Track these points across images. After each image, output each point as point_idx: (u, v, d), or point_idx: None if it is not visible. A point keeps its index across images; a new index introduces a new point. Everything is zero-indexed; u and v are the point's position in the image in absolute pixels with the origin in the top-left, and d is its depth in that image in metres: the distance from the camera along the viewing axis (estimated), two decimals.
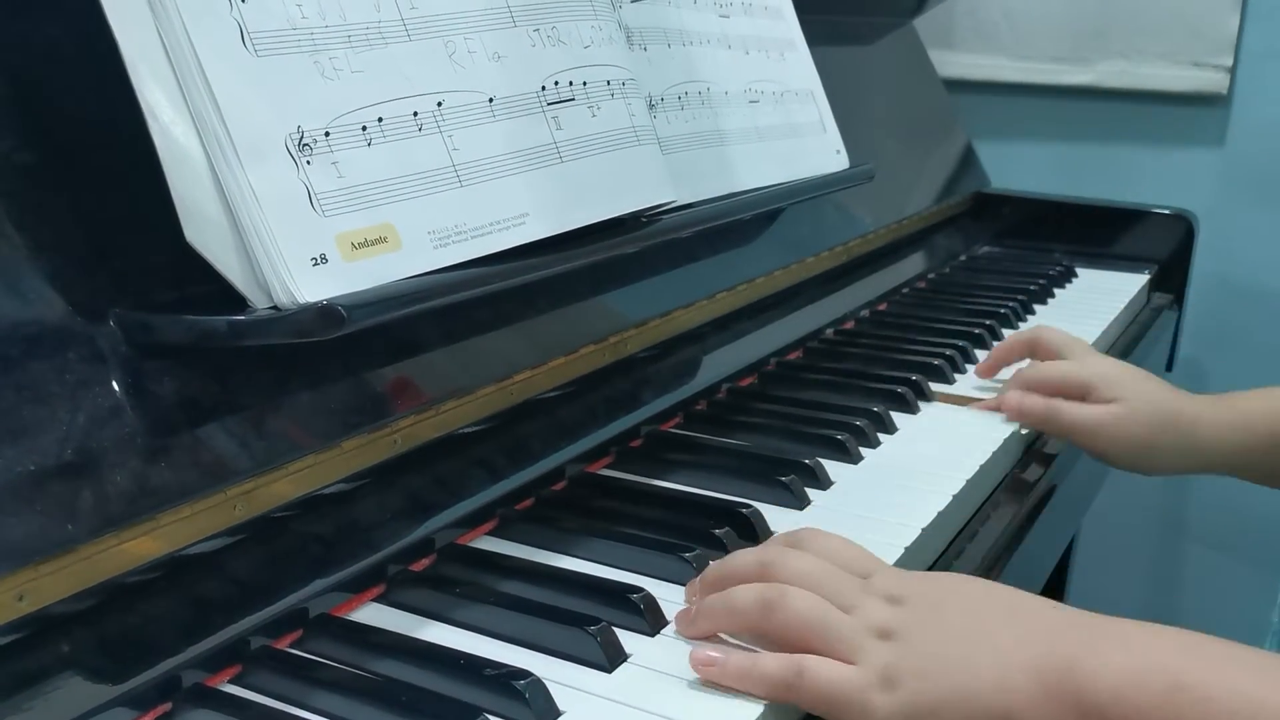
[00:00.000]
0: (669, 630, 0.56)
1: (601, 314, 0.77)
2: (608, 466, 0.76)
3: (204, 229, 0.50)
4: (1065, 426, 0.84)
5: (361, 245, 0.53)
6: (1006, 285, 1.25)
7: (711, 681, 0.52)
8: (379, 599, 0.60)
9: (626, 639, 0.55)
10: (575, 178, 0.66)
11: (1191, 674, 0.46)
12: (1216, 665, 0.47)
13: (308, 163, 0.52)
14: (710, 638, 0.55)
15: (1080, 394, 0.85)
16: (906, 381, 0.90)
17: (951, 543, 0.72)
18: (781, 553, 0.56)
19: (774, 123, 0.92)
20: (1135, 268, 1.37)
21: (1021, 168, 1.63)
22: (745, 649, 0.54)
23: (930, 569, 0.68)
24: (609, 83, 0.70)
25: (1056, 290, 1.28)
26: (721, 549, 0.63)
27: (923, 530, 0.67)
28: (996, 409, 0.88)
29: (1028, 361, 0.93)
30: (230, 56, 0.51)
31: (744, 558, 0.57)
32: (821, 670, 0.51)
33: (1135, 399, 0.83)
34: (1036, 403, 0.85)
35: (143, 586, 0.50)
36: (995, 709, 0.49)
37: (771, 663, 0.51)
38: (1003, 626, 0.51)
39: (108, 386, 0.49)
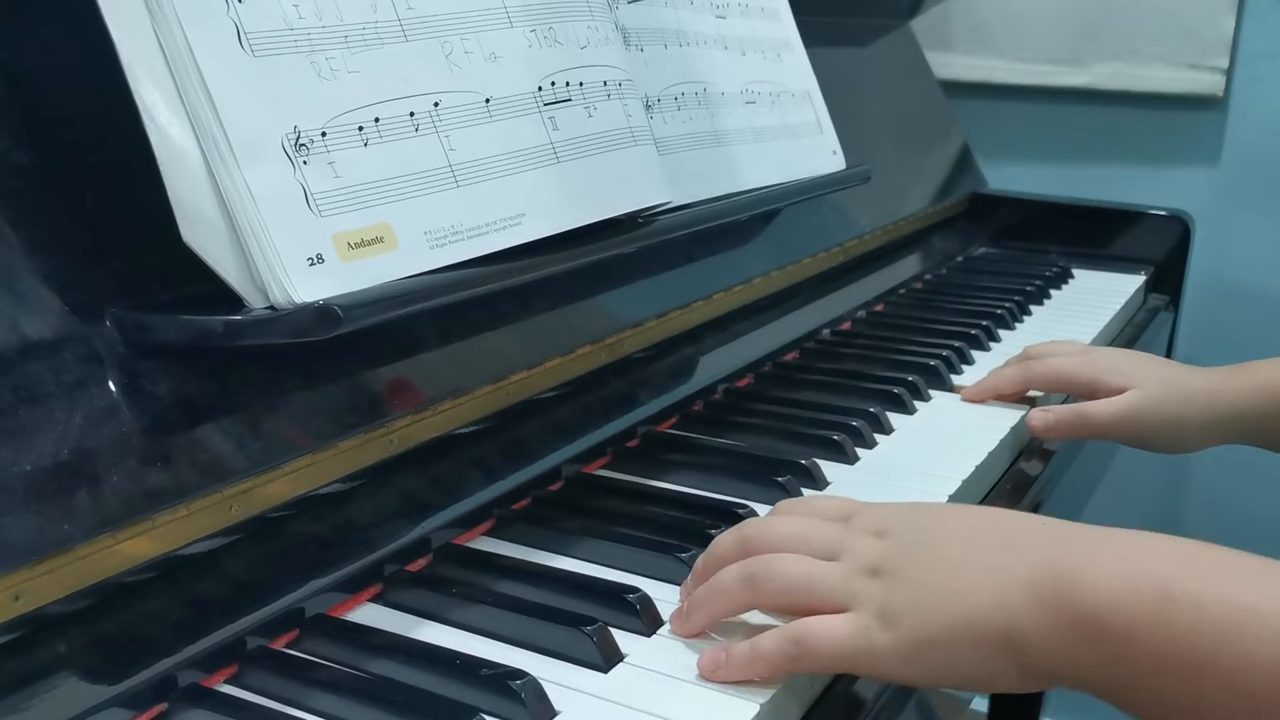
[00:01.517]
0: (665, 630, 0.56)
1: (598, 314, 0.77)
2: (604, 467, 0.76)
3: (200, 229, 0.50)
4: (1101, 427, 0.83)
5: (358, 245, 0.53)
6: (1003, 286, 1.25)
7: (724, 681, 0.52)
8: (375, 599, 0.60)
9: (622, 639, 0.55)
10: (572, 178, 0.66)
11: (1182, 583, 0.45)
12: (1209, 574, 0.45)
13: (304, 163, 0.52)
14: (706, 631, 0.55)
15: (1088, 393, 0.84)
16: (903, 382, 0.90)
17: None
18: (758, 523, 0.56)
19: (771, 123, 0.92)
20: (1131, 269, 1.37)
21: (1018, 169, 1.64)
22: (763, 626, 0.54)
23: None
24: (606, 83, 0.70)
25: (1053, 291, 1.28)
26: None
27: None
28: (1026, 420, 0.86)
29: None
30: (227, 57, 0.51)
31: (723, 540, 0.56)
32: (820, 632, 0.50)
33: (1146, 382, 0.83)
34: (1064, 413, 0.84)
35: (139, 586, 0.50)
36: (994, 628, 0.48)
37: (768, 643, 0.51)
38: (995, 547, 0.50)
39: (104, 386, 0.49)
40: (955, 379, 0.96)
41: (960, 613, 0.48)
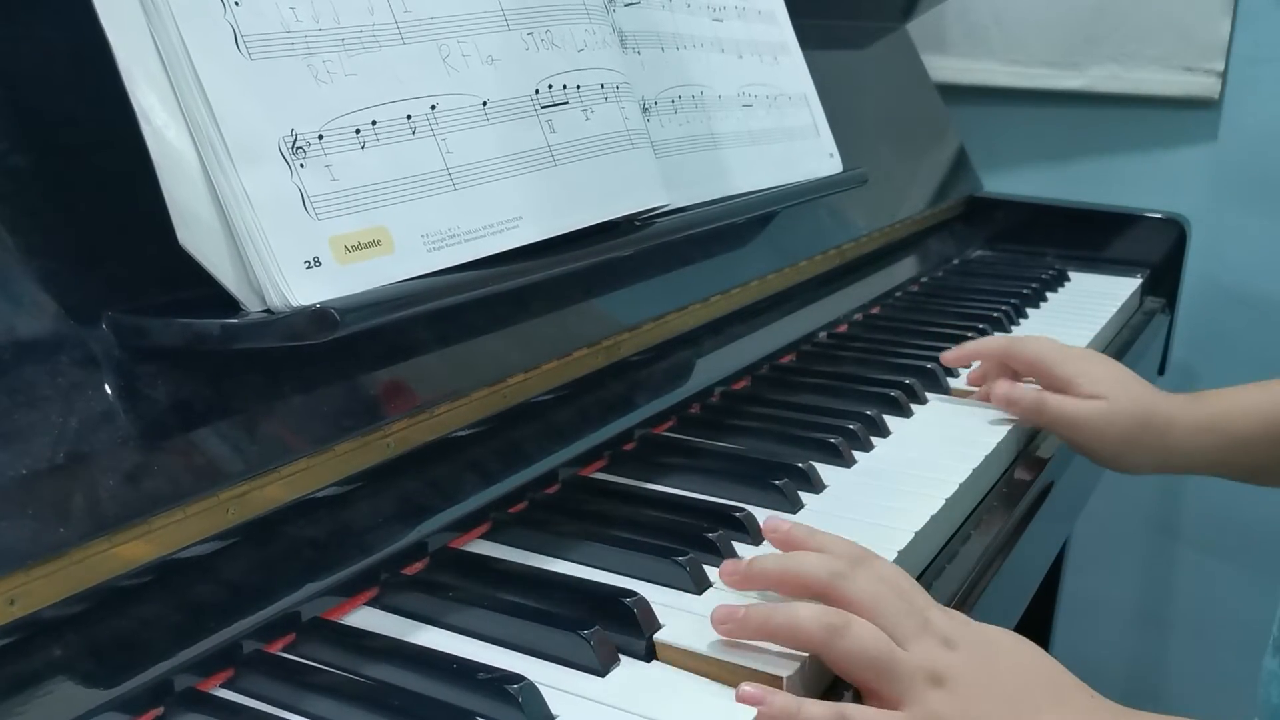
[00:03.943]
0: (663, 634, 0.56)
1: (595, 317, 0.77)
2: (601, 470, 0.76)
3: (197, 232, 0.50)
4: (1052, 418, 0.85)
5: (355, 248, 0.53)
6: (999, 289, 1.25)
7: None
8: (372, 603, 0.60)
9: (620, 643, 0.55)
10: (569, 181, 0.66)
11: None
12: None
13: (301, 166, 0.52)
14: (738, 644, 0.55)
15: (1061, 388, 0.85)
16: (899, 385, 0.90)
17: (945, 546, 0.72)
18: (850, 567, 0.56)
19: (767, 126, 0.92)
20: (1128, 271, 1.37)
21: (1014, 172, 1.64)
22: (781, 653, 0.54)
23: (924, 572, 0.68)
24: (603, 86, 0.70)
25: (1049, 294, 1.28)
26: (715, 552, 0.63)
27: (915, 534, 0.67)
28: (986, 399, 0.89)
29: None
30: (224, 59, 0.50)
31: (813, 562, 0.56)
32: (868, 718, 0.51)
33: (1119, 396, 0.84)
34: (1025, 393, 0.86)
35: (135, 590, 0.50)
36: None
37: (816, 710, 0.51)
38: (1045, 703, 0.52)
39: (100, 389, 0.49)
40: (952, 382, 0.96)
41: None
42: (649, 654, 0.55)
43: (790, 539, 0.60)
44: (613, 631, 0.55)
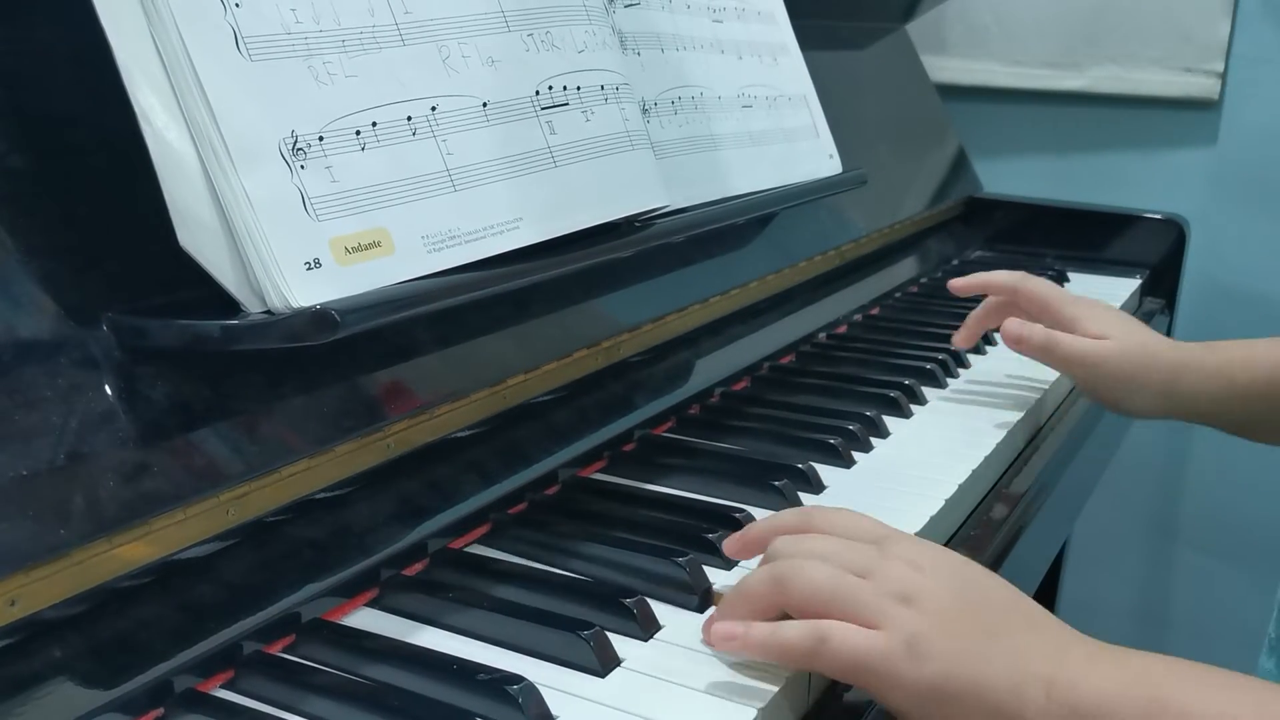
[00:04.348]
0: (662, 635, 0.56)
1: (595, 318, 0.77)
2: (601, 470, 0.76)
3: (197, 233, 0.50)
4: (1062, 356, 0.87)
5: (355, 249, 0.53)
6: None
7: (735, 651, 0.53)
8: (372, 604, 0.60)
9: (620, 643, 0.55)
10: (569, 182, 0.66)
11: (1172, 689, 0.48)
12: (1196, 684, 0.48)
13: (301, 167, 0.52)
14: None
15: (1067, 327, 0.87)
16: (899, 385, 0.90)
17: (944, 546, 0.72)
18: (788, 539, 0.57)
19: (767, 127, 0.92)
20: (1127, 272, 1.37)
21: (1013, 173, 1.64)
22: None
23: None
24: (602, 87, 0.70)
25: None
26: (714, 553, 0.63)
27: (915, 534, 0.67)
28: (979, 333, 0.95)
29: None
30: (224, 61, 0.51)
31: (754, 572, 0.56)
32: (847, 636, 0.50)
33: (1125, 337, 0.86)
34: (1036, 330, 0.87)
35: (135, 591, 0.50)
36: (1008, 710, 0.49)
37: (793, 631, 0.51)
38: (1020, 629, 0.52)
39: (100, 391, 0.49)
40: (951, 383, 0.96)
41: (982, 679, 0.50)
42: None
43: (746, 540, 0.61)
44: (613, 632, 0.55)
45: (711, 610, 0.58)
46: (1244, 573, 1.61)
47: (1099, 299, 0.92)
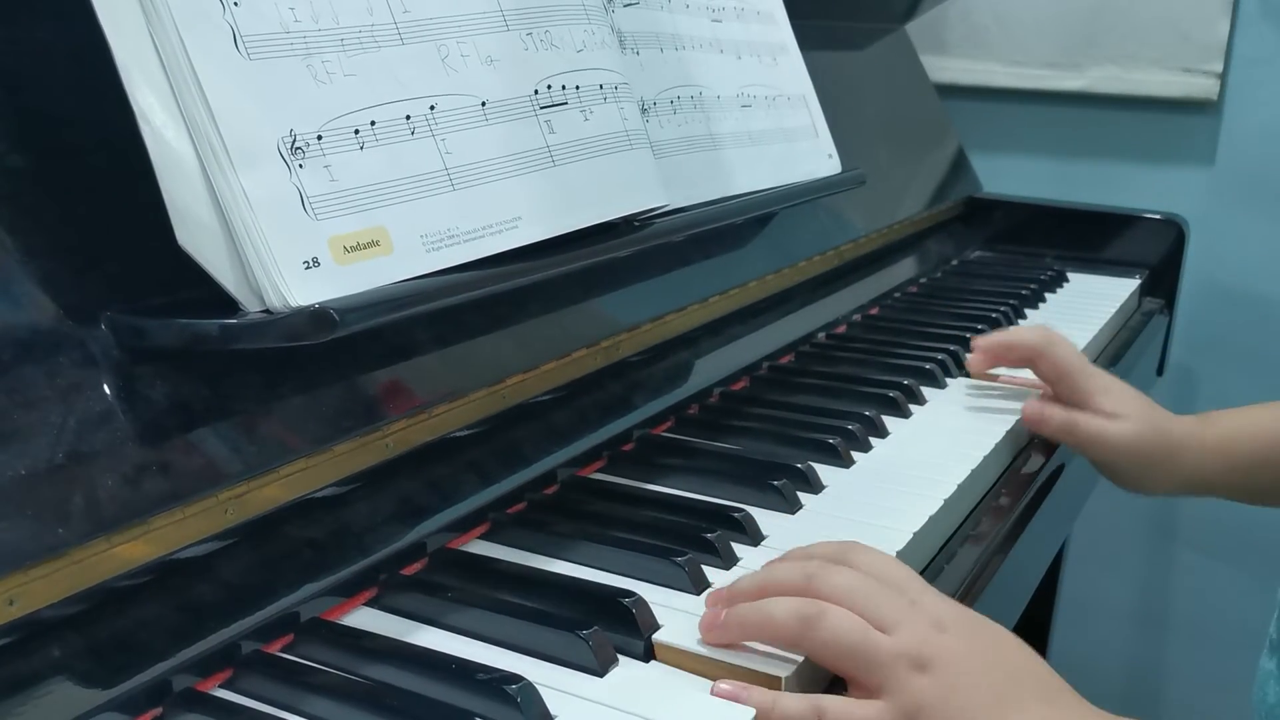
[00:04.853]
0: (661, 635, 0.56)
1: (594, 318, 0.77)
2: (600, 470, 0.76)
3: (196, 232, 0.50)
4: (1081, 439, 0.86)
5: (354, 249, 0.53)
6: (998, 290, 1.25)
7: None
8: (370, 603, 0.60)
9: (619, 643, 0.55)
10: (568, 181, 0.66)
11: None
12: None
13: (300, 166, 0.52)
14: (735, 645, 0.55)
15: (1082, 400, 0.86)
16: (898, 385, 0.90)
17: (943, 547, 0.72)
18: (824, 567, 0.55)
19: (766, 127, 0.92)
20: (1126, 273, 1.37)
21: (1013, 173, 1.64)
22: (773, 654, 0.54)
23: (922, 573, 0.68)
24: (601, 86, 0.70)
25: (1048, 295, 1.28)
26: (713, 553, 0.63)
27: (914, 534, 0.67)
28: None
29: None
30: (223, 60, 0.51)
31: (786, 570, 0.56)
32: (844, 713, 0.51)
33: (1138, 418, 0.85)
34: (1056, 413, 0.86)
35: (133, 590, 0.50)
36: None
37: (791, 703, 0.51)
38: (1032, 698, 0.52)
39: (99, 390, 0.49)
40: (951, 382, 0.96)
41: None
42: (647, 654, 0.55)
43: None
44: (611, 632, 0.55)
45: (709, 592, 0.58)
46: (1243, 573, 1.61)
47: (1115, 380, 0.89)
